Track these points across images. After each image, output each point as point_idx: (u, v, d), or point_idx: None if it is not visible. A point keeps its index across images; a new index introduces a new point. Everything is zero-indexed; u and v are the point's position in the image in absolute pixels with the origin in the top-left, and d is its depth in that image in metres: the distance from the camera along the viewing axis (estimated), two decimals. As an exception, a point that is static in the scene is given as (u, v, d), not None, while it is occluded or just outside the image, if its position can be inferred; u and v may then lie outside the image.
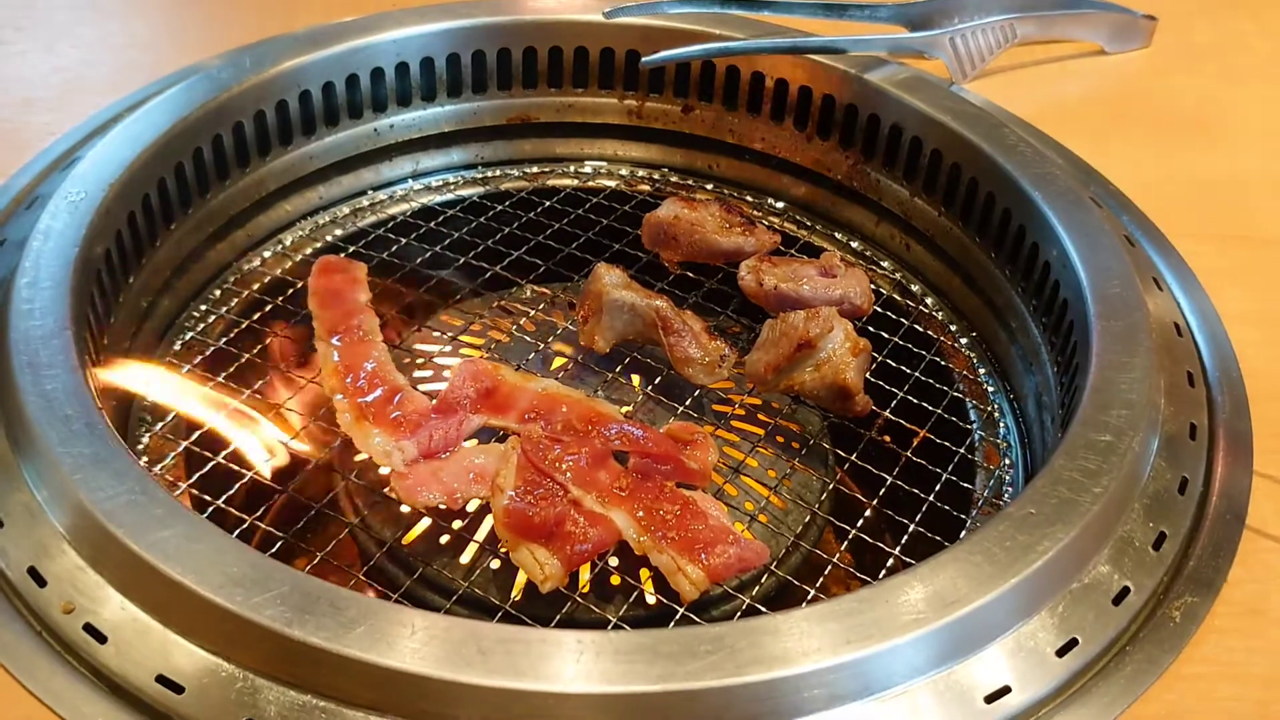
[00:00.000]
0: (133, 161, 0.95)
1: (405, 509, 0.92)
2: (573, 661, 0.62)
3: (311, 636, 0.62)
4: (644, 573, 0.89)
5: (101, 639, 0.66)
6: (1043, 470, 0.76)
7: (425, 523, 0.92)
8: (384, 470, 0.89)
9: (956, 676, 0.67)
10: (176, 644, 0.65)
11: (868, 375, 0.97)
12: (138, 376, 0.96)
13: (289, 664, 0.63)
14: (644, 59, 1.15)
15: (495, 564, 0.90)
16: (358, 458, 0.95)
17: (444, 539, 0.92)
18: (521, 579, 0.89)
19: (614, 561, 0.89)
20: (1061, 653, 0.69)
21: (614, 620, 0.82)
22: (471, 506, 0.91)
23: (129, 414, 0.94)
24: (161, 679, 0.64)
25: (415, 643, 0.62)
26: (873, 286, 1.06)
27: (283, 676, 0.63)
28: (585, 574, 0.88)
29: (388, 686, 0.61)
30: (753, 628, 0.65)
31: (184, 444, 0.91)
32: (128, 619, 0.66)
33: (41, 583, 0.69)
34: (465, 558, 0.91)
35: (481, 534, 0.91)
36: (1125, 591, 0.73)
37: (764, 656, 0.63)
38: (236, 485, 0.87)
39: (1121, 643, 0.72)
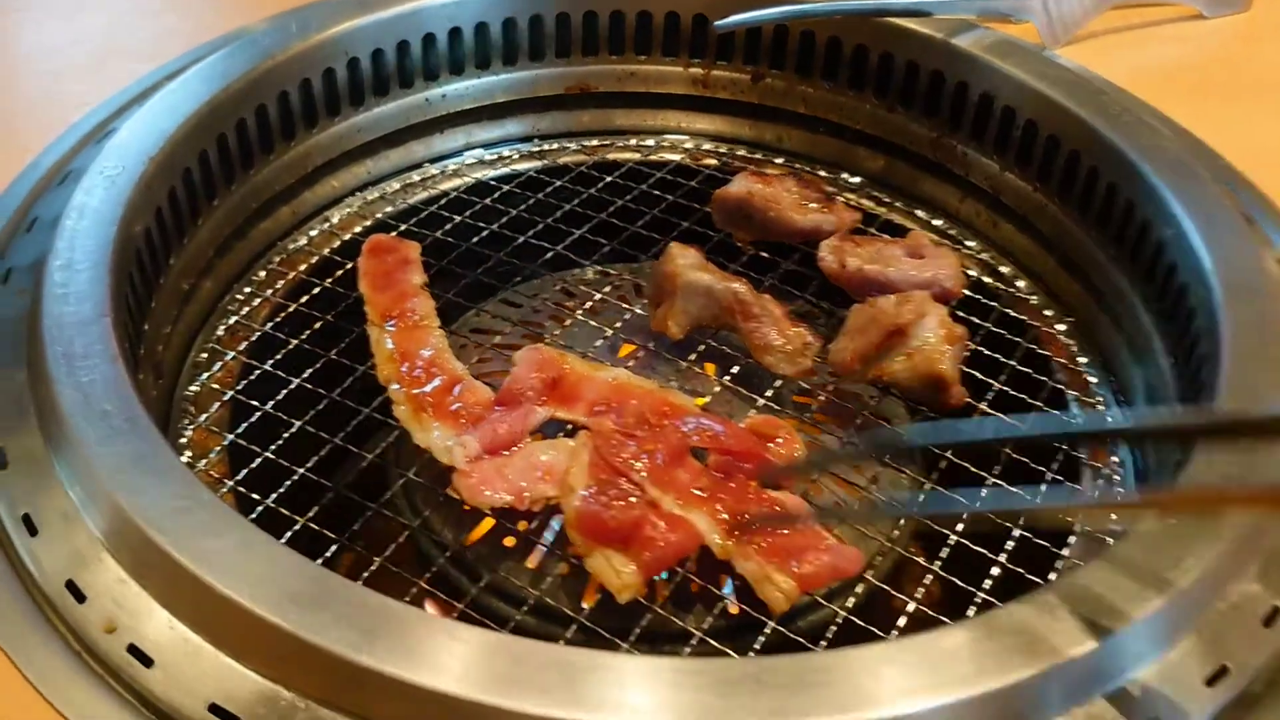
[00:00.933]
0: (173, 133, 0.89)
1: (465, 508, 0.85)
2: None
3: (385, 665, 0.55)
4: (722, 579, 0.82)
5: (148, 662, 0.60)
6: (1181, 475, 0.68)
7: (485, 523, 0.86)
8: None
9: (1097, 710, 0.60)
10: (230, 669, 0.59)
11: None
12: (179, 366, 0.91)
13: (357, 693, 0.57)
14: (717, 22, 1.08)
15: (563, 569, 0.83)
16: (414, 452, 0.89)
17: (507, 541, 0.85)
18: (592, 585, 0.82)
19: (691, 567, 0.82)
20: (1211, 681, 0.62)
21: (699, 634, 0.75)
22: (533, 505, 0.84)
23: (170, 406, 0.88)
24: (215, 709, 0.58)
25: (518, 672, 0.56)
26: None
27: (349, 707, 0.57)
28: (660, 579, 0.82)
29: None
30: (869, 656, 0.58)
31: (229, 438, 0.85)
32: (176, 640, 0.60)
33: (80, 598, 0.63)
34: (531, 562, 0.85)
35: (548, 536, 0.84)
36: (1276, 612, 0.66)
37: (886, 690, 0.56)
38: (286, 483, 0.81)
39: (1276, 668, 0.64)
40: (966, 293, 0.99)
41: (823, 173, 1.16)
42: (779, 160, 1.18)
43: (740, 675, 0.57)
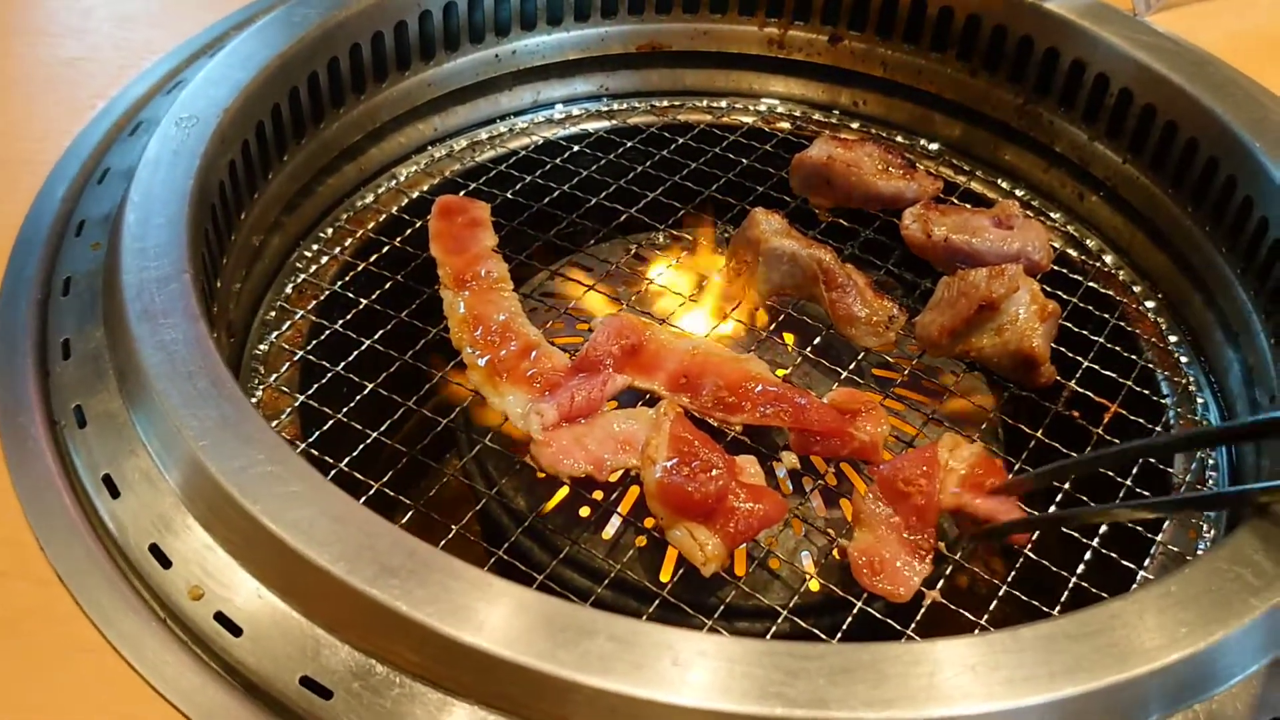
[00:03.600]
0: (247, 85, 0.86)
1: (540, 476, 0.83)
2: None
3: (487, 642, 0.53)
4: (808, 562, 0.80)
5: (236, 631, 0.58)
6: None
7: (560, 491, 0.84)
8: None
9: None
10: (323, 640, 0.57)
11: (1049, 342, 0.87)
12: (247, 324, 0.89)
13: (454, 669, 0.55)
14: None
15: (640, 541, 0.81)
16: (486, 418, 0.87)
17: (583, 511, 0.83)
18: (671, 558, 0.80)
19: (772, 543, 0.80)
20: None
21: (784, 612, 0.73)
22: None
23: (239, 366, 0.86)
24: (306, 681, 0.56)
25: (671, 670, 0.54)
26: (1047, 241, 0.96)
27: (445, 683, 0.55)
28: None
29: (594, 708, 0.53)
30: (984, 644, 0.56)
31: (300, 399, 0.83)
32: (265, 609, 0.58)
33: (165, 563, 0.61)
34: (607, 533, 0.83)
35: (625, 506, 0.82)
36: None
37: (1002, 683, 0.54)
38: (359, 447, 0.79)
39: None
40: (1052, 266, 0.96)
41: (900, 139, 1.13)
42: (854, 125, 1.15)
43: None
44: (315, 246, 0.97)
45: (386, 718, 0.55)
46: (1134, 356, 0.91)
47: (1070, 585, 0.73)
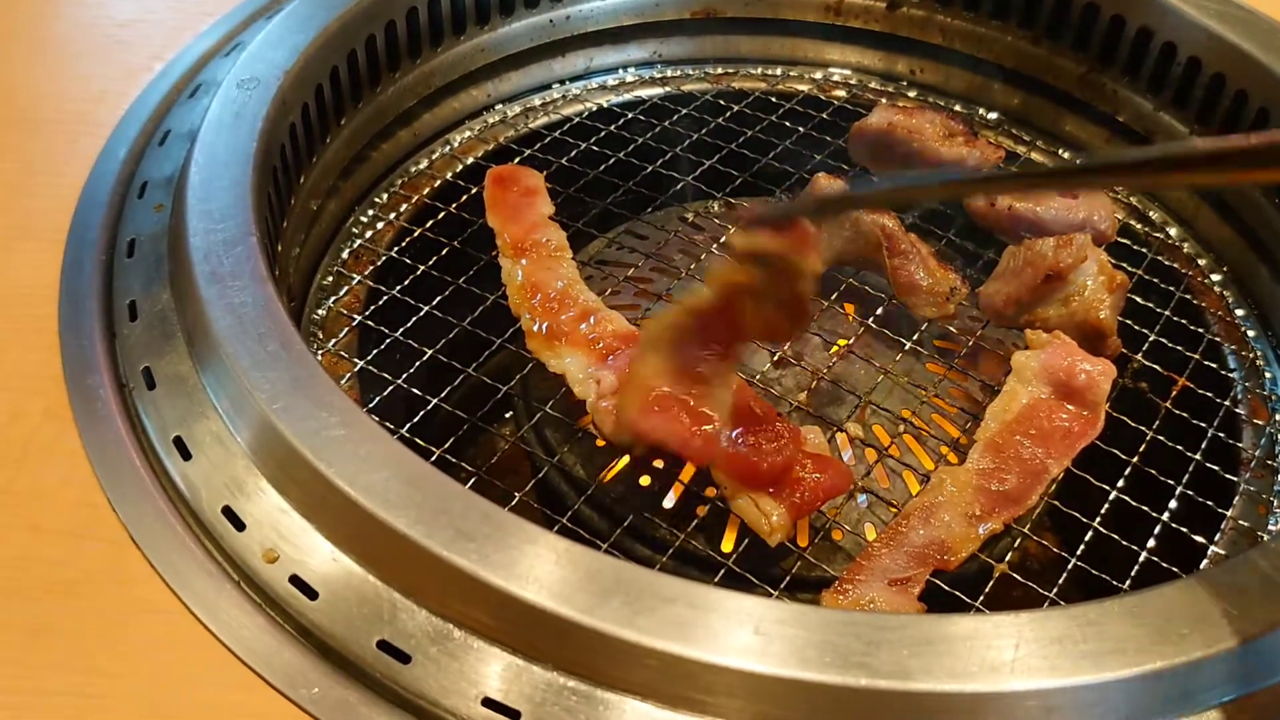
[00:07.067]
0: (307, 47, 0.85)
1: (599, 443, 0.83)
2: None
3: (564, 607, 0.53)
4: (872, 533, 0.79)
5: (311, 594, 0.58)
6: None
7: (621, 460, 0.83)
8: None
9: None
10: (399, 604, 0.57)
11: (1115, 314, 0.85)
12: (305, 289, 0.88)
13: (533, 634, 0.54)
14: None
15: (700, 510, 0.80)
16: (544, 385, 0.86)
17: (644, 480, 0.83)
18: (732, 527, 0.80)
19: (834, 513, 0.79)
20: None
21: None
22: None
23: (298, 330, 0.85)
24: (384, 645, 0.56)
25: (752, 638, 0.54)
26: (1110, 212, 0.94)
27: (523, 648, 0.55)
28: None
29: (671, 674, 0.52)
30: (1066, 617, 0.55)
31: (359, 364, 0.83)
32: (340, 572, 0.58)
33: (239, 526, 0.61)
34: (669, 502, 0.82)
35: (686, 476, 0.82)
36: None
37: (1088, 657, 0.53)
38: (419, 412, 0.78)
39: None
40: (1116, 238, 0.94)
41: (958, 108, 1.11)
42: (911, 94, 1.13)
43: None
44: (371, 212, 0.96)
45: (465, 681, 0.54)
46: (1200, 330, 0.90)
47: (1140, 560, 0.72)
